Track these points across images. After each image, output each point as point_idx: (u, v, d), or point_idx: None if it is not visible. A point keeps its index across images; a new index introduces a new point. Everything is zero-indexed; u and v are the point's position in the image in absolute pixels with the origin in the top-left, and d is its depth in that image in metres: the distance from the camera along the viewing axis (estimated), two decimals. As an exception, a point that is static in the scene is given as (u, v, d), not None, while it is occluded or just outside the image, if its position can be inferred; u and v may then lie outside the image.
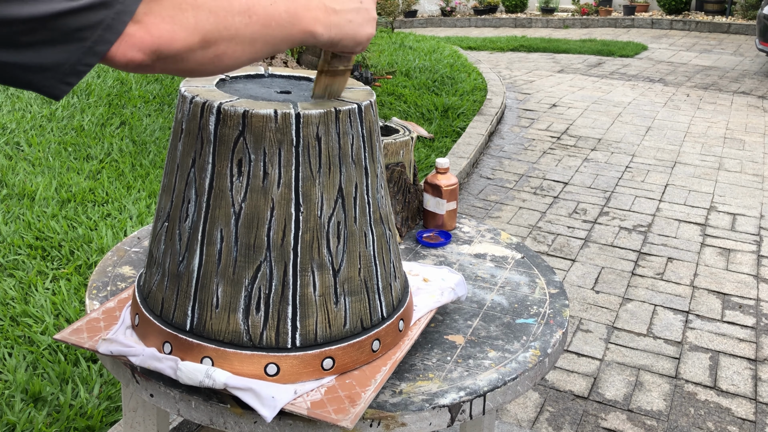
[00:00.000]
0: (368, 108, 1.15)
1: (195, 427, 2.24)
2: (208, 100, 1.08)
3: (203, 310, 1.11)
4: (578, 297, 3.27)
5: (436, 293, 1.35)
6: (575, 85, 7.88)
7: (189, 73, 0.82)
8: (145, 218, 3.44)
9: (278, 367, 1.10)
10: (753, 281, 3.48)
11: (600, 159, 5.27)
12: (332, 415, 1.04)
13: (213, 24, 0.80)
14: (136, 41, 0.74)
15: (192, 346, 1.12)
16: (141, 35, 0.75)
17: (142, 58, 0.76)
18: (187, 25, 0.78)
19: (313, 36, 0.93)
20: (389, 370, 1.16)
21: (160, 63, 0.78)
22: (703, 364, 2.80)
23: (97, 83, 5.70)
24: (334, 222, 1.11)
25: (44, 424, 2.09)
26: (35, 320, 2.60)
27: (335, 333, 1.14)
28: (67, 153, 4.26)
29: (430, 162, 4.60)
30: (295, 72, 1.32)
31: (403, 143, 1.72)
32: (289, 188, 1.07)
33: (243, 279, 1.09)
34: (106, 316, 1.28)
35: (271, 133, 1.06)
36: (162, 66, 0.79)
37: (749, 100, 7.30)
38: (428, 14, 15.05)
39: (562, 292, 1.52)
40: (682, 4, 13.50)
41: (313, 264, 1.10)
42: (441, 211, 1.78)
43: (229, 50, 0.83)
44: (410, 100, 5.95)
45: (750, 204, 4.48)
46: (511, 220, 4.10)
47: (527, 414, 2.48)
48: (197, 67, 0.82)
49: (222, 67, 0.84)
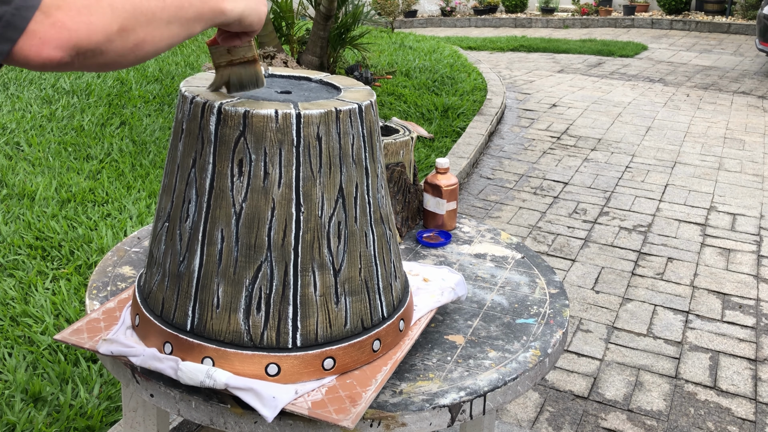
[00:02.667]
0: (368, 108, 1.15)
1: (195, 427, 2.24)
2: (208, 100, 1.08)
3: (204, 311, 1.11)
4: (578, 297, 3.27)
5: (436, 293, 1.35)
6: (575, 85, 7.88)
7: (109, 66, 0.79)
8: (145, 218, 3.44)
9: (279, 367, 1.10)
10: (753, 281, 3.48)
11: (600, 159, 5.27)
12: (333, 415, 1.04)
13: (129, 11, 0.77)
14: (51, 38, 0.70)
15: (193, 347, 1.12)
16: (56, 31, 0.70)
17: (61, 56, 0.71)
18: (104, 15, 0.74)
19: (223, 13, 0.93)
20: (390, 369, 1.16)
21: (79, 59, 0.74)
22: (703, 364, 2.80)
23: (97, 83, 5.70)
24: (334, 222, 1.11)
25: (44, 424, 2.09)
26: (35, 320, 2.60)
27: (336, 333, 1.14)
28: (67, 153, 4.26)
29: (430, 162, 4.60)
30: (295, 72, 1.32)
31: (403, 143, 1.72)
32: (290, 188, 1.07)
33: (244, 279, 1.09)
34: (106, 317, 1.28)
35: (272, 133, 1.06)
36: (81, 62, 0.75)
37: (749, 100, 7.30)
38: (428, 14, 15.05)
39: (562, 292, 1.52)
40: (682, 4, 13.50)
41: (314, 264, 1.10)
42: (441, 211, 1.78)
43: (148, 36, 0.80)
44: (410, 100, 5.95)
45: (750, 204, 4.48)
46: (511, 220, 4.10)
47: (527, 414, 2.48)
48: (117, 58, 0.78)
49: (141, 55, 0.81)
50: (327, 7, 5.75)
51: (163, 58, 6.77)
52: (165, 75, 6.11)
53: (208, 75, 1.24)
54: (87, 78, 5.86)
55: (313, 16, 6.11)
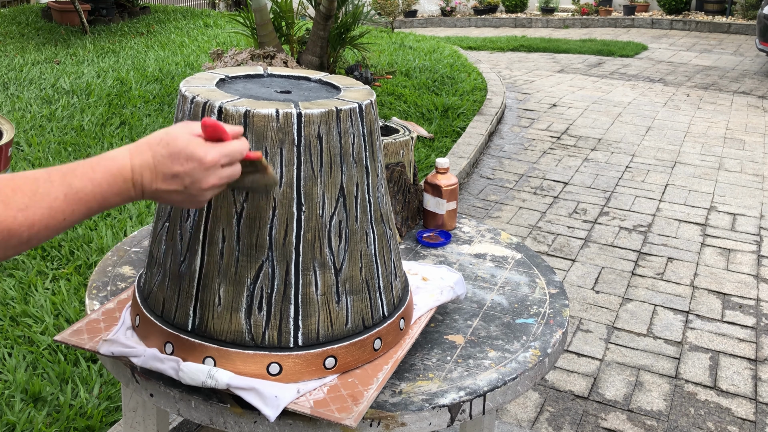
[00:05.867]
0: (369, 107, 1.15)
1: (195, 427, 2.24)
2: (209, 100, 1.08)
3: (205, 310, 1.11)
4: (578, 297, 3.27)
5: (435, 292, 1.35)
6: (575, 85, 7.88)
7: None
8: (145, 218, 3.44)
9: (281, 366, 1.10)
10: (753, 281, 3.48)
11: (600, 159, 5.27)
12: (336, 413, 1.04)
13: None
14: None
15: (194, 347, 1.11)
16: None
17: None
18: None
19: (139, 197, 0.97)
20: (391, 368, 1.16)
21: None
22: (703, 364, 2.80)
23: (97, 83, 5.70)
24: (335, 221, 1.11)
25: (44, 424, 2.09)
26: (35, 320, 2.60)
27: (337, 332, 1.14)
28: (67, 153, 4.26)
29: (430, 162, 4.60)
30: (294, 72, 1.32)
31: (403, 143, 1.72)
32: (291, 187, 1.07)
33: (245, 278, 1.09)
34: (106, 317, 1.28)
35: (273, 133, 1.06)
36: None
37: (749, 100, 7.30)
38: (428, 14, 15.05)
39: (562, 292, 1.52)
40: (682, 4, 13.50)
41: (315, 263, 1.10)
42: (441, 211, 1.78)
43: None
44: (410, 100, 5.95)
45: (750, 204, 4.48)
46: (511, 220, 4.10)
47: (527, 414, 2.48)
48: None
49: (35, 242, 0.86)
50: (327, 7, 5.75)
51: (163, 58, 6.77)
52: (165, 75, 6.11)
53: (208, 75, 1.24)
54: (87, 78, 5.86)
55: (313, 16, 6.10)
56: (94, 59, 6.69)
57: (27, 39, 7.64)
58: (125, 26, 8.57)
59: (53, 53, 6.95)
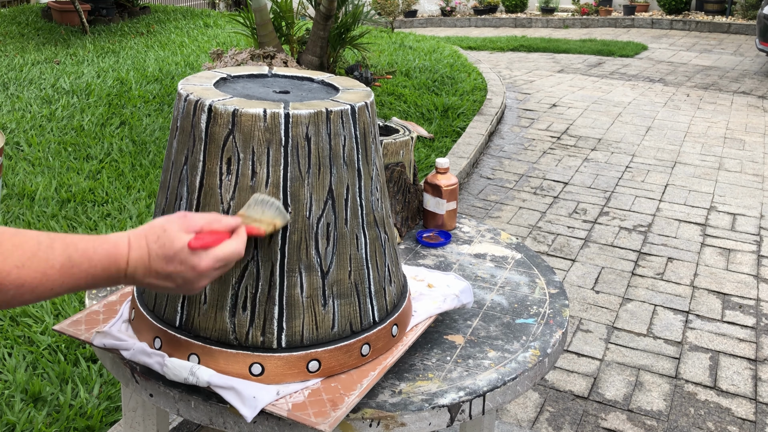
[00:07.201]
0: (362, 109, 1.14)
1: (195, 427, 2.24)
2: (200, 98, 1.08)
3: (191, 307, 1.12)
4: (578, 297, 3.27)
5: (438, 299, 1.33)
6: (575, 85, 7.88)
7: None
8: (145, 218, 3.44)
9: (263, 367, 1.09)
10: (753, 281, 3.48)
11: (600, 159, 5.27)
12: (312, 418, 1.03)
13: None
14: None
15: (180, 343, 1.12)
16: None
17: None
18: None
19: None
20: (377, 375, 1.14)
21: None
22: (703, 364, 2.80)
23: (97, 83, 5.70)
24: (323, 223, 1.10)
25: (44, 424, 2.09)
26: (35, 320, 2.60)
27: (322, 335, 1.13)
28: (67, 153, 4.26)
29: (430, 162, 4.60)
30: (298, 72, 1.31)
31: (403, 143, 1.72)
32: (277, 188, 1.07)
33: (230, 277, 1.09)
34: (107, 310, 1.29)
35: (260, 133, 1.06)
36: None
37: (749, 100, 7.30)
38: (428, 14, 15.05)
39: (562, 292, 1.52)
40: (682, 4, 13.50)
41: (301, 265, 1.10)
42: (441, 211, 1.78)
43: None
44: (410, 100, 5.95)
45: (750, 204, 4.48)
46: (511, 220, 4.10)
47: (527, 414, 2.47)
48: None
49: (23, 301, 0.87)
50: (327, 7, 5.75)
51: (163, 58, 6.77)
52: (165, 75, 6.11)
53: (210, 74, 1.24)
54: (87, 78, 5.86)
55: (313, 16, 6.10)
56: (94, 59, 6.69)
57: (27, 39, 7.64)
58: (125, 26, 8.58)
59: (53, 53, 6.95)
